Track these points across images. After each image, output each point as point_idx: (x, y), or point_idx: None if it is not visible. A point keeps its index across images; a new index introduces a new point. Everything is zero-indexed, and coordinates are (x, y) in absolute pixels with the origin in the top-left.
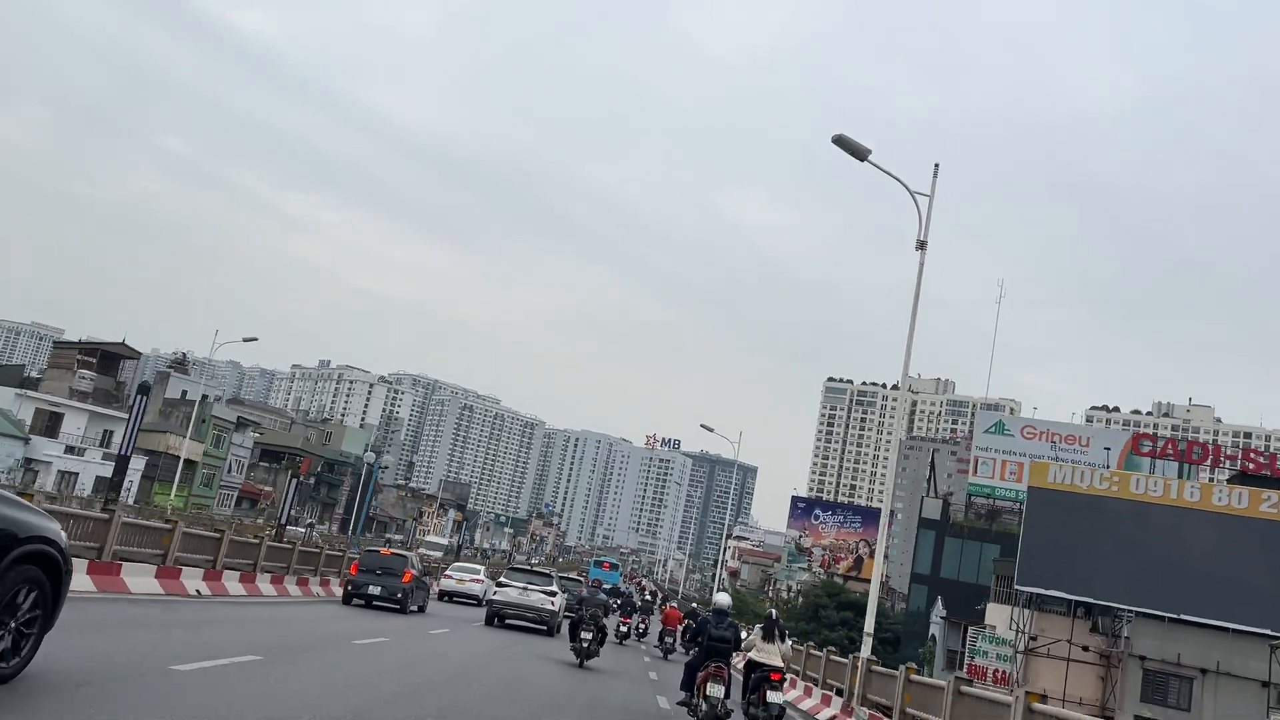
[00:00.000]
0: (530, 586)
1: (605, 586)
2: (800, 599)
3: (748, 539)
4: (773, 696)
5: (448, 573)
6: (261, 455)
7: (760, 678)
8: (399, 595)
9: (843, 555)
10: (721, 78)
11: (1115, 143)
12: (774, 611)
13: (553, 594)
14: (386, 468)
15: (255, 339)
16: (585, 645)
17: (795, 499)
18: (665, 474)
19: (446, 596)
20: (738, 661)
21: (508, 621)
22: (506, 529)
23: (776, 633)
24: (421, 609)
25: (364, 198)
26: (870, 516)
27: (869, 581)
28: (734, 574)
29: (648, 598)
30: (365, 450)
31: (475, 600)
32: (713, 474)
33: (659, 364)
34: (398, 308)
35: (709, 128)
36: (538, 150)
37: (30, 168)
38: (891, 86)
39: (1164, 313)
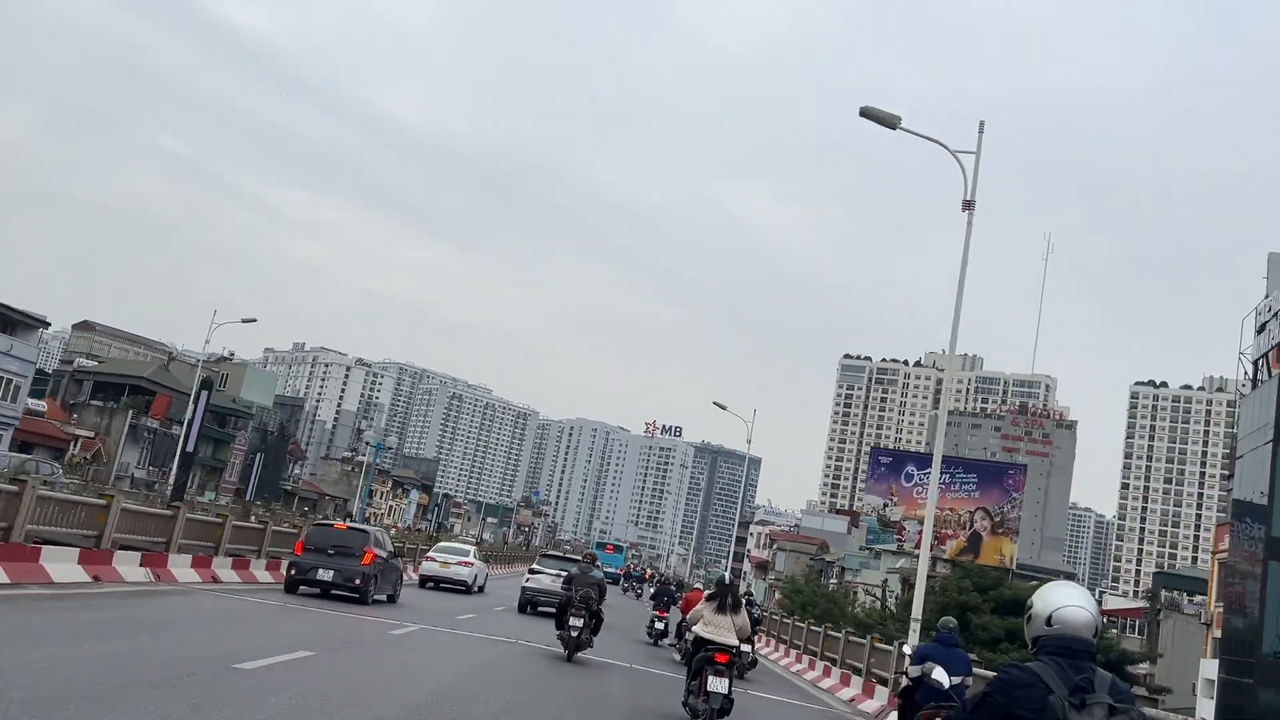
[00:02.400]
0: (564, 574)
1: (609, 569)
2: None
3: (773, 523)
4: (715, 684)
5: (430, 554)
6: (95, 391)
7: (706, 658)
8: (357, 580)
9: (950, 531)
10: (726, 70)
11: (1125, 131)
12: (728, 575)
13: (608, 582)
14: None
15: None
16: (575, 634)
17: (876, 452)
18: (666, 463)
19: (430, 583)
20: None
21: (540, 609)
22: (489, 519)
23: (731, 601)
24: (392, 598)
25: (362, 194)
26: (991, 475)
27: (996, 569)
28: (763, 566)
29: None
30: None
31: (464, 587)
32: (715, 465)
33: (661, 361)
34: (395, 305)
35: (713, 121)
36: (539, 145)
37: (23, 167)
38: (899, 77)
39: (1175, 304)
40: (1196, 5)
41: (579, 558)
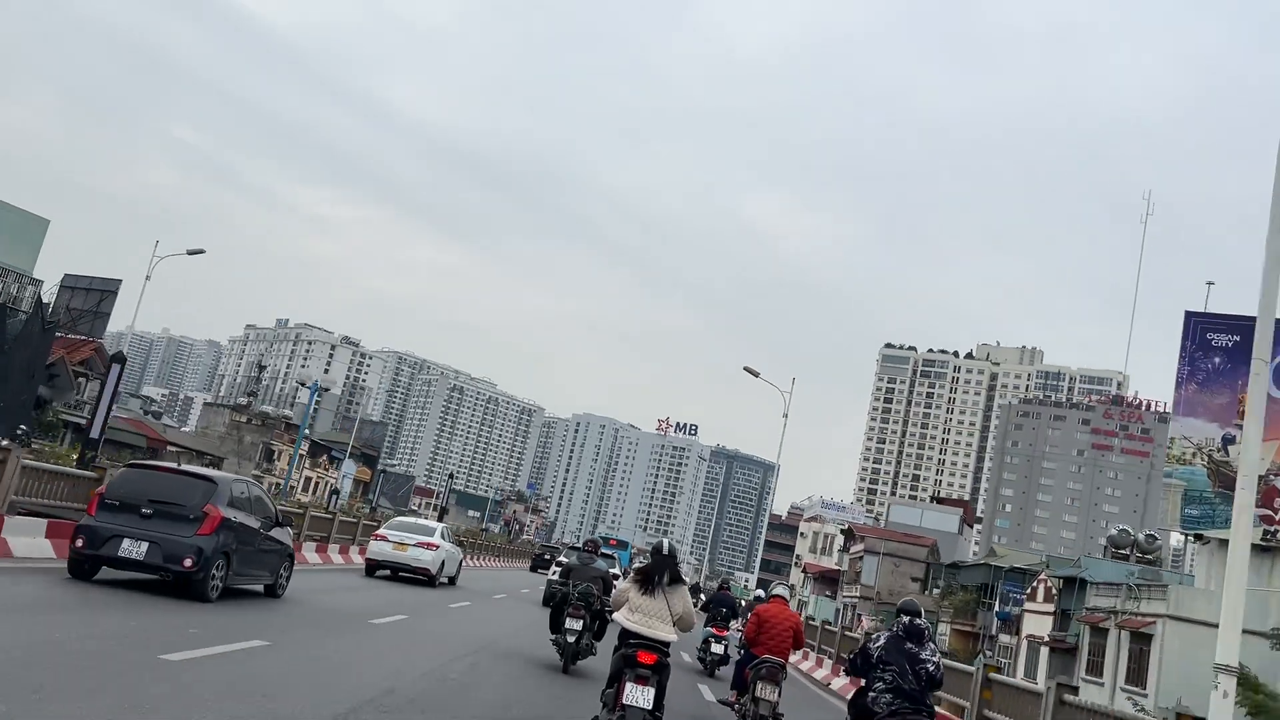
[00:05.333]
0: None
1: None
2: None
3: (829, 519)
4: (635, 694)
5: (381, 532)
6: None
7: (625, 657)
8: (187, 561)
9: None
10: (748, 76)
11: (1162, 148)
12: (667, 542)
13: (615, 577)
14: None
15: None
16: (574, 640)
17: (1199, 321)
18: (679, 463)
19: (381, 570)
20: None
21: None
22: (471, 510)
23: (666, 576)
24: (271, 590)
25: (378, 192)
26: None
27: None
28: (829, 578)
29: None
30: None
31: (426, 576)
32: (730, 470)
33: (675, 368)
34: (405, 304)
35: (733, 126)
36: (557, 148)
37: (40, 157)
38: (925, 86)
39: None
40: (1237, 18)
41: (611, 553)
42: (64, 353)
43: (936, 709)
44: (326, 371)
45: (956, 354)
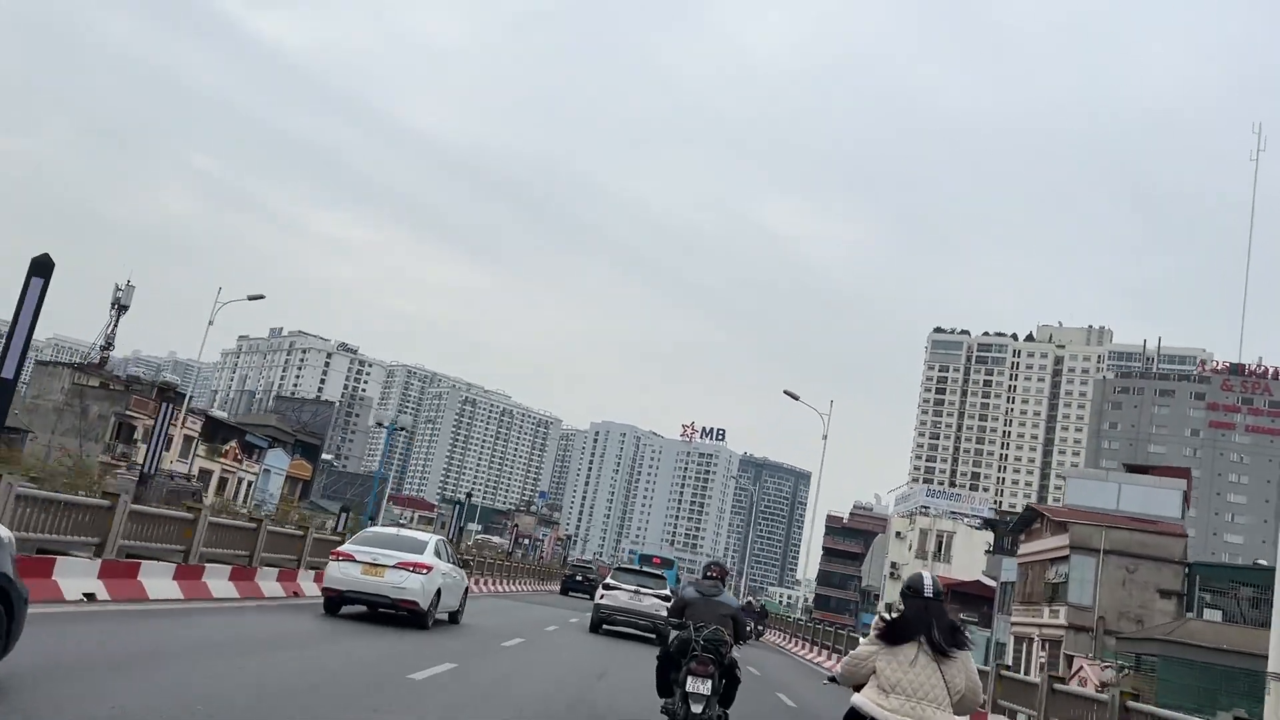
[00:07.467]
0: (643, 590)
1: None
2: None
3: (876, 511)
4: None
5: (345, 549)
6: None
7: None
8: None
9: None
10: (762, 82)
11: (1188, 144)
12: (928, 575)
13: (669, 599)
14: None
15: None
16: (701, 708)
17: None
18: (707, 471)
19: (347, 603)
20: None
21: (616, 627)
22: (469, 524)
23: (936, 635)
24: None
25: (392, 212)
26: None
27: None
28: (975, 598)
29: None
30: None
31: (411, 611)
32: (759, 479)
33: (697, 379)
34: (423, 325)
35: (748, 134)
36: (569, 160)
37: (57, 187)
38: (943, 86)
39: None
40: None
41: (662, 574)
42: None
43: None
44: (323, 381)
45: (1015, 336)
